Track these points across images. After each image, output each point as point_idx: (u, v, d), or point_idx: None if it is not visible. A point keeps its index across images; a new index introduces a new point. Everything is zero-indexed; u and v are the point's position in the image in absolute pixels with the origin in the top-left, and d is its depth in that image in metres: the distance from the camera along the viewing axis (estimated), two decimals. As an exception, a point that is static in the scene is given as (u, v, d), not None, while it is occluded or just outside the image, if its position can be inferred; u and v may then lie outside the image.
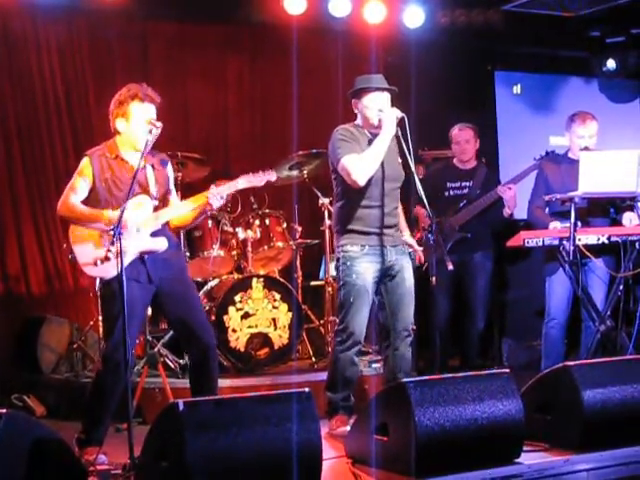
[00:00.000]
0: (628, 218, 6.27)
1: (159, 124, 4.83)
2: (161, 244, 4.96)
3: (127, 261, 4.74)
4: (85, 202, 4.95)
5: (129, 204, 4.72)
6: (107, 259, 4.56)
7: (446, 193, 7.16)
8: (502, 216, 6.96)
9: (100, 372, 4.96)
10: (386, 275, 5.46)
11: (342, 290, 5.44)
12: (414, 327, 5.53)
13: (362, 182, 5.27)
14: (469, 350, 7.29)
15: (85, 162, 4.97)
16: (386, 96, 5.44)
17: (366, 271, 5.37)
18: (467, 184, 7.15)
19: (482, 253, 7.12)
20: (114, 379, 4.79)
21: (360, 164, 5.26)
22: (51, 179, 7.58)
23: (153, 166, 5.08)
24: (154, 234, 4.97)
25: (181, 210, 5.10)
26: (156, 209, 5.02)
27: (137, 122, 4.92)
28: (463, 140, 7.24)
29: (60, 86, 7.71)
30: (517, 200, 6.86)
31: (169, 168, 5.20)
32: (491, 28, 8.40)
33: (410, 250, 5.63)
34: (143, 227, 4.93)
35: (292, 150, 7.17)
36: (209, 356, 5.10)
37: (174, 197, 5.22)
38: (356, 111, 5.53)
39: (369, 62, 7.60)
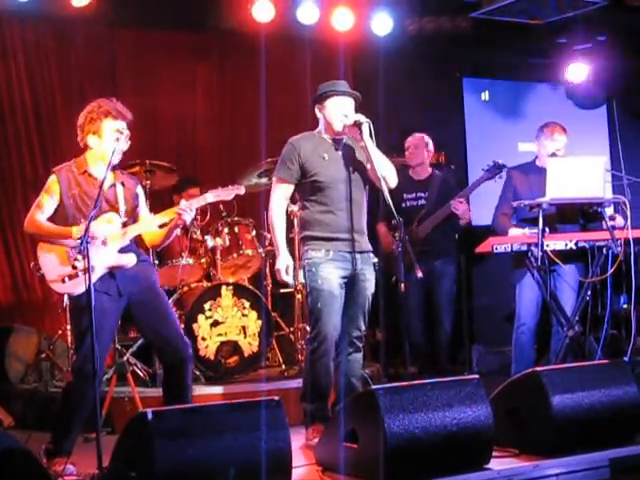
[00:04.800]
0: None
1: (127, 132, 4.81)
2: (129, 259, 4.94)
3: (96, 277, 4.72)
4: (52, 219, 4.92)
5: (98, 220, 4.71)
6: (75, 268, 4.54)
7: (403, 204, 7.15)
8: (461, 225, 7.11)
9: (70, 384, 4.95)
10: (350, 282, 5.41)
11: (309, 297, 5.41)
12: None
13: (273, 214, 5.44)
14: (439, 356, 7.29)
15: (52, 179, 4.95)
16: (350, 101, 5.43)
17: (331, 276, 5.31)
18: (422, 194, 7.20)
19: (442, 261, 7.17)
20: (84, 391, 4.74)
21: (274, 205, 5.44)
22: (19, 189, 7.52)
23: (123, 184, 5.05)
24: (122, 250, 4.95)
25: (150, 225, 5.09)
26: (125, 226, 4.99)
27: (110, 139, 4.88)
28: (412, 145, 7.29)
29: (27, 93, 7.66)
30: (485, 206, 6.90)
31: (139, 188, 5.18)
32: (459, 35, 8.42)
33: (375, 260, 5.61)
34: (111, 242, 4.90)
35: (261, 157, 7.13)
36: (184, 367, 5.04)
37: (144, 213, 5.18)
38: (319, 116, 5.49)
39: (337, 69, 7.59)
